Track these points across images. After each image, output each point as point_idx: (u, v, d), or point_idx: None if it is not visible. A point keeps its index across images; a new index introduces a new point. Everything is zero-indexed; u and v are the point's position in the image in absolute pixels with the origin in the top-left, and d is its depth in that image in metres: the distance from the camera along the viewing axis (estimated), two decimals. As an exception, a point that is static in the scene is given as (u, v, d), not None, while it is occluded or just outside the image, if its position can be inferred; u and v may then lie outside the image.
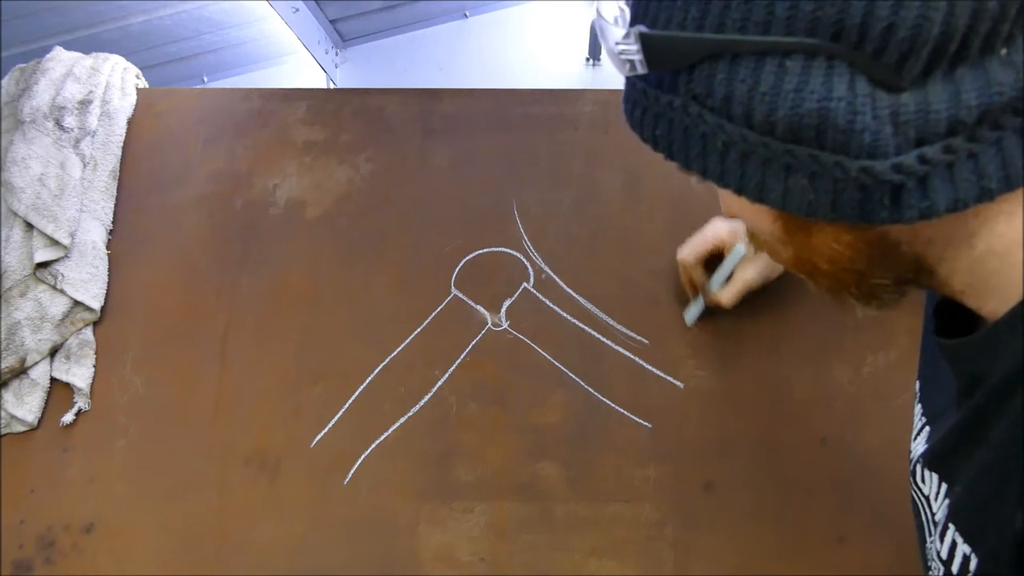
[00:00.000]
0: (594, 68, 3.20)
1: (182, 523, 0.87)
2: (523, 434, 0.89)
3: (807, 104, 0.35)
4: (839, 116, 0.34)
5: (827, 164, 0.36)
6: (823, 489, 0.86)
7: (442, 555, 0.85)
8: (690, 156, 0.41)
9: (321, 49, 3.03)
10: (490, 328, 0.93)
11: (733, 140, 0.38)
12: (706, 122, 0.39)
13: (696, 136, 0.40)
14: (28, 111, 0.99)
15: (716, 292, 0.87)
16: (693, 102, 0.39)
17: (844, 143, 0.35)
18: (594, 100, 1.03)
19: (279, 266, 0.97)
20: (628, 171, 0.99)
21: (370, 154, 1.02)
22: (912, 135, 0.34)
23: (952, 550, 0.42)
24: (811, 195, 0.37)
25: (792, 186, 0.37)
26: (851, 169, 0.35)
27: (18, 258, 0.93)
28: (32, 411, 0.90)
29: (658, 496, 0.87)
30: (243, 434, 0.90)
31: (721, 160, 0.39)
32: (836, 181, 0.36)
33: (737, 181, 0.39)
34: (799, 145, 0.36)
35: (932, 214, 0.36)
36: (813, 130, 0.35)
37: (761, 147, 0.37)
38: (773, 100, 0.36)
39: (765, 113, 0.36)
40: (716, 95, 0.37)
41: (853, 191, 0.36)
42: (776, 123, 0.36)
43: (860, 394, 0.90)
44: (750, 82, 0.36)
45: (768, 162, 0.38)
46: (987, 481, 0.40)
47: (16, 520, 0.88)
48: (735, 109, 0.37)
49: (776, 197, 0.38)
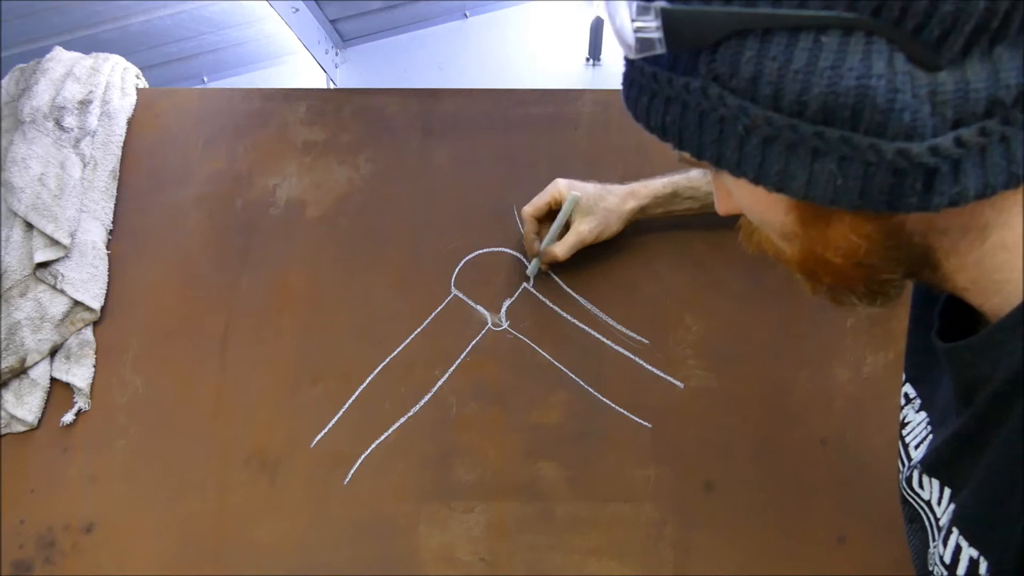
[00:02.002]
0: (594, 68, 3.20)
1: (182, 523, 0.87)
2: (523, 434, 0.89)
3: (845, 82, 0.33)
4: (879, 95, 0.33)
5: (860, 147, 0.34)
6: (823, 489, 0.86)
7: (442, 555, 0.85)
8: (703, 143, 0.38)
9: (321, 49, 3.03)
10: (490, 328, 0.93)
11: (756, 124, 0.36)
12: (726, 105, 0.36)
13: (712, 121, 0.38)
14: (28, 111, 0.99)
15: (551, 246, 0.90)
16: (714, 83, 0.37)
17: (882, 123, 0.33)
18: (594, 100, 1.03)
19: (279, 266, 0.97)
20: (628, 171, 0.99)
21: (370, 154, 1.02)
22: (950, 116, 0.33)
23: (956, 554, 0.41)
24: (838, 181, 0.35)
25: (818, 172, 0.36)
26: (886, 152, 0.34)
27: (18, 258, 0.93)
28: (32, 411, 0.90)
29: (658, 496, 0.87)
30: (243, 434, 0.90)
31: (740, 147, 0.37)
32: (868, 165, 0.34)
33: (756, 169, 0.37)
34: (830, 127, 0.34)
35: (961, 201, 0.34)
36: (849, 110, 0.34)
37: (788, 131, 0.35)
38: (807, 78, 0.34)
39: (797, 93, 0.34)
40: (742, 75, 0.35)
41: (885, 176, 0.34)
42: (808, 103, 0.34)
43: (860, 394, 0.90)
44: (782, 60, 0.34)
45: (794, 147, 0.36)
46: (993, 485, 0.39)
47: (16, 520, 0.88)
48: (762, 89, 0.35)
49: (799, 185, 0.36)
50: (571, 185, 0.89)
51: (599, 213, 0.89)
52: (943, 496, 0.47)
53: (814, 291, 0.46)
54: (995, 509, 0.39)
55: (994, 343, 0.39)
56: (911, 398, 0.56)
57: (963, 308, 0.44)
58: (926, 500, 0.49)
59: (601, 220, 0.89)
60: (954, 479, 0.45)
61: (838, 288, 0.44)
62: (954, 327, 0.46)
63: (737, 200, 0.45)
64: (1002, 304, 0.39)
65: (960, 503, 0.43)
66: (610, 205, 0.89)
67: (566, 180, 0.90)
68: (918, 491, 0.50)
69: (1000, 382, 0.39)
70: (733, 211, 0.48)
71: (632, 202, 0.89)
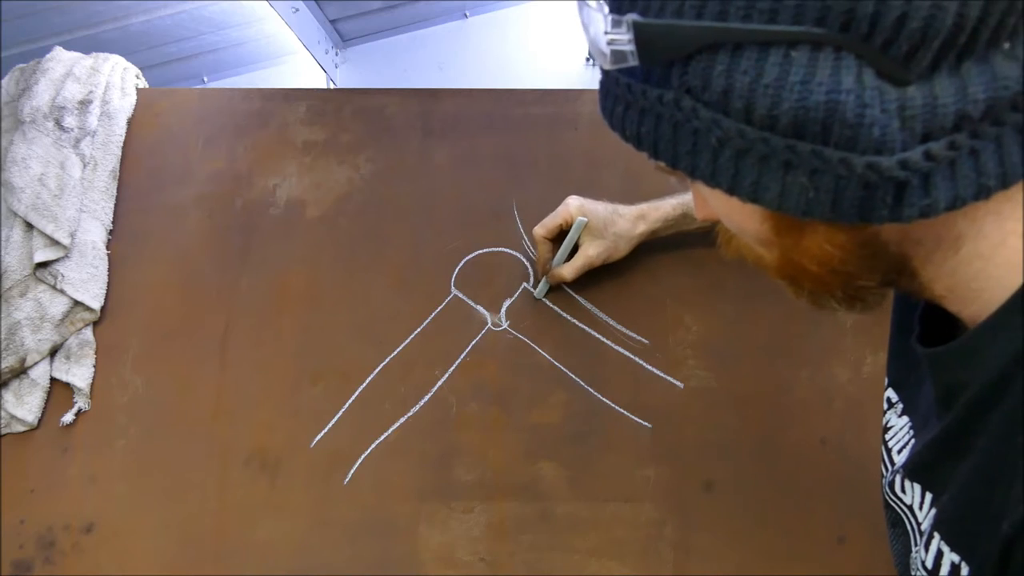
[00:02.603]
0: (594, 68, 3.20)
1: (182, 523, 0.87)
2: (523, 434, 0.89)
3: (814, 97, 0.33)
4: (848, 109, 0.33)
5: (831, 160, 0.34)
6: (823, 489, 0.86)
7: (442, 555, 0.85)
8: (678, 154, 0.39)
9: (321, 49, 3.03)
10: (490, 328, 0.93)
11: (729, 136, 0.36)
12: (699, 117, 0.37)
13: (687, 133, 0.38)
14: (28, 111, 0.99)
15: (559, 268, 0.90)
16: (687, 96, 0.37)
17: (851, 138, 0.34)
18: (594, 100, 1.03)
19: (279, 266, 0.97)
20: (628, 171, 0.99)
21: (370, 154, 1.02)
22: (919, 130, 0.33)
23: (938, 559, 0.41)
24: (810, 193, 0.36)
25: (790, 184, 0.36)
26: (856, 166, 0.34)
27: (18, 258, 0.93)
28: (32, 411, 0.90)
29: (658, 496, 0.87)
30: (243, 434, 0.90)
31: (714, 158, 0.37)
32: (839, 178, 0.35)
33: (730, 180, 0.38)
34: (801, 141, 0.35)
35: (932, 213, 0.35)
36: (819, 124, 0.34)
37: (760, 143, 0.36)
38: (777, 93, 0.34)
39: (767, 107, 0.35)
40: (714, 88, 0.36)
41: (856, 189, 0.35)
42: (779, 117, 0.34)
43: (860, 394, 0.90)
44: (752, 74, 0.34)
45: (766, 159, 0.36)
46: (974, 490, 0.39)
47: (16, 520, 0.88)
48: (734, 103, 0.35)
49: (772, 196, 0.37)
50: (582, 207, 0.89)
51: (608, 237, 0.89)
52: (924, 500, 0.47)
53: (796, 295, 0.46)
54: (976, 514, 0.39)
55: (973, 349, 0.40)
56: (893, 402, 0.56)
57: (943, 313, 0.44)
58: (908, 505, 0.49)
59: (610, 244, 0.89)
60: (935, 484, 0.45)
61: (818, 293, 0.45)
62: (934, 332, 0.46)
63: (714, 208, 0.45)
64: (980, 311, 0.39)
65: (941, 508, 0.44)
66: (620, 230, 0.89)
67: (577, 200, 0.89)
68: (900, 495, 0.50)
69: (979, 387, 0.39)
70: (711, 217, 0.48)
71: (642, 226, 0.89)
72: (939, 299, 0.42)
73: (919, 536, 0.47)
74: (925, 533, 0.45)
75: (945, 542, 0.41)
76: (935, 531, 0.43)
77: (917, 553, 0.46)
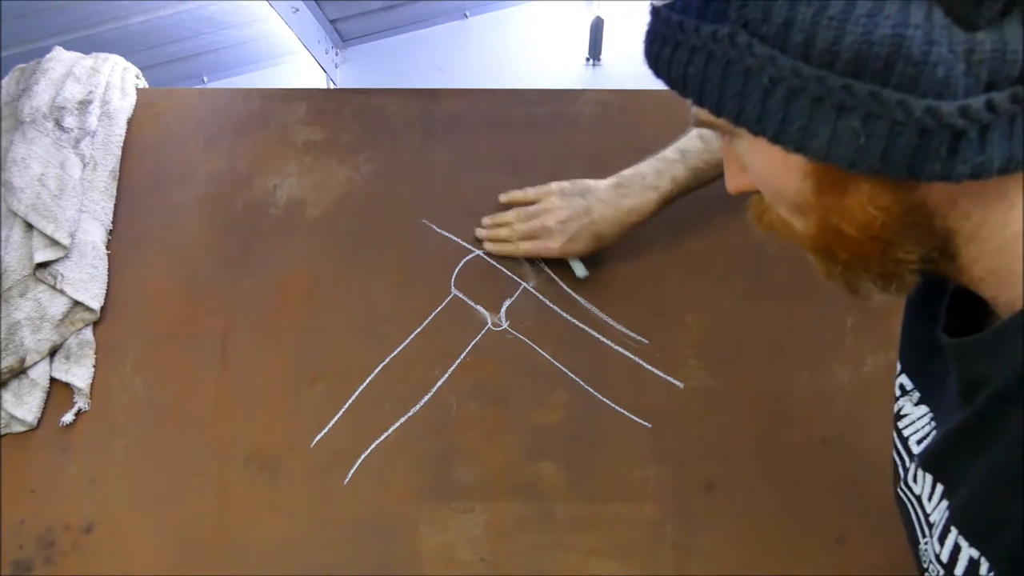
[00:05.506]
0: (594, 68, 3.20)
1: (182, 523, 0.87)
2: (523, 434, 0.89)
3: (880, 30, 0.32)
4: (914, 45, 0.32)
5: (888, 103, 0.33)
6: (823, 489, 0.86)
7: (442, 555, 0.85)
8: (725, 96, 0.37)
9: (321, 49, 3.03)
10: (490, 328, 0.93)
11: (782, 75, 0.35)
12: (754, 54, 0.36)
13: (737, 72, 0.37)
14: (28, 111, 0.99)
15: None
16: (743, 31, 0.36)
17: (914, 77, 0.32)
18: (594, 100, 1.03)
19: (279, 266, 0.97)
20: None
21: (370, 154, 1.02)
22: (984, 76, 0.32)
23: (955, 553, 0.41)
24: (861, 139, 0.34)
25: (841, 130, 0.35)
26: (915, 109, 0.33)
27: (18, 258, 0.93)
28: (32, 411, 0.90)
29: (658, 496, 0.87)
30: (243, 434, 0.90)
31: (763, 99, 0.36)
32: (894, 124, 0.34)
33: (777, 124, 0.36)
34: (859, 80, 0.34)
35: (984, 173, 0.33)
36: (882, 60, 0.33)
37: (814, 83, 0.34)
38: (841, 26, 0.33)
39: (829, 41, 0.33)
40: (774, 20, 0.35)
41: (911, 136, 0.34)
42: (839, 53, 0.33)
43: (860, 394, 0.90)
44: (817, 5, 0.33)
45: (819, 101, 0.35)
46: (996, 485, 0.39)
47: (16, 520, 0.88)
48: (793, 37, 0.34)
49: (820, 143, 0.36)
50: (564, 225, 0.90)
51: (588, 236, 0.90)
52: (934, 492, 0.46)
53: (828, 274, 0.44)
54: (998, 509, 0.38)
55: (999, 340, 0.39)
56: (908, 390, 0.55)
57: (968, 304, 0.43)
58: (916, 495, 0.49)
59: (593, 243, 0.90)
60: (948, 476, 0.45)
61: (853, 268, 0.43)
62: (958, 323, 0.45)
63: (751, 167, 0.44)
64: (1017, 297, 0.38)
65: (960, 502, 0.43)
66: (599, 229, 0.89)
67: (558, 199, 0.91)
68: (911, 485, 0.50)
69: (1003, 380, 0.38)
70: (744, 187, 0.46)
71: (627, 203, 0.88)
72: (976, 282, 0.41)
73: (927, 528, 0.46)
74: (937, 526, 0.44)
75: (963, 537, 0.41)
76: (952, 525, 0.42)
77: (926, 545, 0.46)
